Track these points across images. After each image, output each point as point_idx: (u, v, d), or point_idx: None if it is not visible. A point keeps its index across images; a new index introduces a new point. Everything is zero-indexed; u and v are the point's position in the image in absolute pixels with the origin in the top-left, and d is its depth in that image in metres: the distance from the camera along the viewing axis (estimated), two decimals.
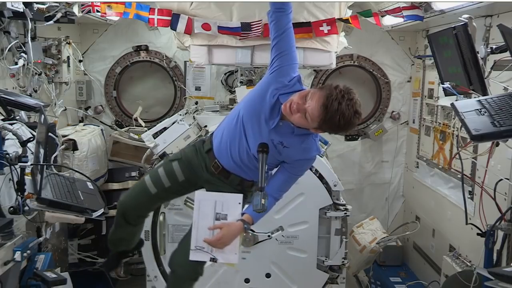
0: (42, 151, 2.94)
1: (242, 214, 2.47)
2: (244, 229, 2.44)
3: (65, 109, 5.03)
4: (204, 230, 2.46)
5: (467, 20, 2.78)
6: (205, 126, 4.29)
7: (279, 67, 2.41)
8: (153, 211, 2.97)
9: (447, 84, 3.05)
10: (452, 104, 2.59)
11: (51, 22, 3.90)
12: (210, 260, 2.48)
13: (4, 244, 2.56)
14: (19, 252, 2.60)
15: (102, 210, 3.10)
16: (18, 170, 2.82)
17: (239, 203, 2.48)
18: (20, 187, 2.81)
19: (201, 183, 2.71)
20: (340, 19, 3.86)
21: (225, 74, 5.54)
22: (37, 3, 3.62)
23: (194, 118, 4.40)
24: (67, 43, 4.81)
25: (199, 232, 2.48)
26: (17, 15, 3.39)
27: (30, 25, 3.68)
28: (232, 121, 2.54)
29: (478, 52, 2.87)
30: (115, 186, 4.99)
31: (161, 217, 3.87)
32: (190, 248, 2.48)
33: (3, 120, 3.13)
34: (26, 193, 2.80)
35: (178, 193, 2.86)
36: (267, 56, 3.85)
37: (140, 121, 5.41)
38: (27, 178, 2.85)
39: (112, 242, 3.06)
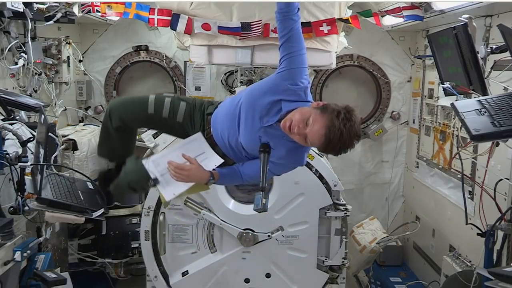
0: (42, 151, 2.94)
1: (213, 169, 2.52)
2: (208, 180, 2.48)
3: (65, 109, 5.03)
4: (173, 157, 2.49)
5: (467, 20, 2.78)
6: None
7: (286, 69, 2.37)
8: (132, 135, 2.86)
9: (447, 84, 3.05)
10: (452, 104, 2.59)
11: (51, 22, 3.90)
12: (153, 179, 2.50)
13: (4, 244, 2.57)
14: (19, 252, 2.60)
15: (102, 210, 3.10)
16: (18, 170, 2.82)
17: (215, 165, 2.53)
18: (20, 187, 2.81)
19: (184, 134, 2.70)
20: (340, 19, 3.86)
21: (225, 74, 5.55)
22: (37, 3, 3.62)
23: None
24: (67, 43, 4.81)
25: (169, 154, 2.52)
26: (17, 15, 3.39)
27: (30, 25, 3.68)
28: (233, 103, 2.53)
29: (478, 52, 2.87)
30: None
31: (161, 217, 3.87)
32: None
33: (3, 120, 3.14)
34: (26, 193, 2.80)
35: (167, 129, 2.78)
36: (267, 56, 3.93)
37: None
38: (27, 178, 2.85)
39: (99, 147, 2.95)
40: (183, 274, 3.95)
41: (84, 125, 5.22)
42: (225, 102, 2.63)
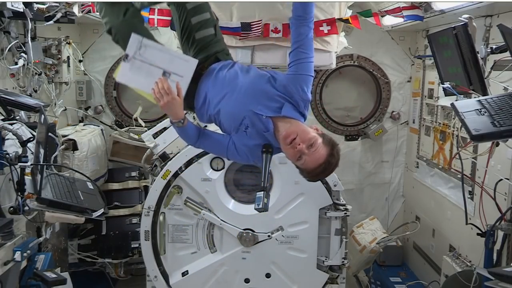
0: (42, 151, 2.94)
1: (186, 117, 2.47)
2: (178, 121, 2.42)
3: (65, 109, 5.03)
4: (160, 57, 2.38)
5: (467, 20, 2.78)
6: (205, 126, 4.29)
7: (292, 73, 2.42)
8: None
9: (447, 84, 3.05)
10: (452, 104, 2.59)
11: (51, 22, 3.90)
12: (126, 53, 2.37)
13: (4, 244, 2.57)
14: (19, 252, 2.61)
15: (102, 210, 3.11)
16: (18, 170, 2.82)
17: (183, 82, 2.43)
18: (20, 187, 2.81)
19: (187, 48, 2.67)
20: (340, 19, 3.86)
21: None
22: (37, 3, 3.63)
23: (194, 118, 4.39)
24: (67, 43, 4.81)
25: (158, 52, 2.39)
26: (17, 15, 3.39)
27: (30, 25, 3.68)
28: (239, 72, 2.52)
29: (478, 52, 2.87)
30: (115, 186, 4.99)
31: (161, 217, 3.87)
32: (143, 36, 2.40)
33: (3, 120, 3.14)
34: (26, 193, 2.80)
35: (181, 29, 2.66)
36: (267, 56, 3.93)
37: (140, 121, 5.40)
38: (27, 178, 2.85)
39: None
40: (183, 274, 3.95)
41: (84, 125, 5.21)
42: (236, 65, 2.59)
